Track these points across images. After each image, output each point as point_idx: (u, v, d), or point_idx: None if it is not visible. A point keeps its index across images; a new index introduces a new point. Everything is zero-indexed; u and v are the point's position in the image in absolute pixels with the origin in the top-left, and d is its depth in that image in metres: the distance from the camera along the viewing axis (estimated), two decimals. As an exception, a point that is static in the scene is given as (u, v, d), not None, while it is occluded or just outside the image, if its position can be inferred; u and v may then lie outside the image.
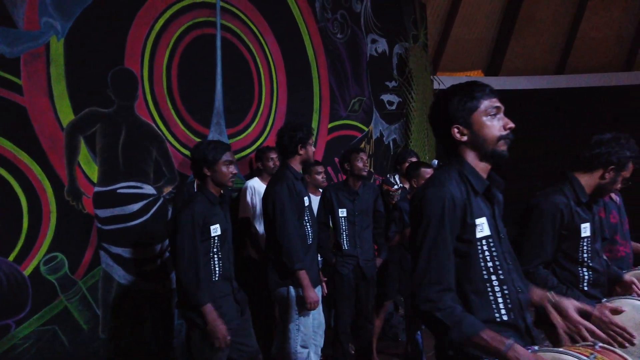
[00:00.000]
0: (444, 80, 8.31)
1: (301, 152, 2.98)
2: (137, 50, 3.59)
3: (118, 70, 3.48)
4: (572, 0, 8.25)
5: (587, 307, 1.58)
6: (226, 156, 2.50)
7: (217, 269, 2.48)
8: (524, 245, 2.08)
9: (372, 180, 5.44)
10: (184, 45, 3.91)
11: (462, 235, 1.44)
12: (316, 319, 3.08)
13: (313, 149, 3.07)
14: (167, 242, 3.59)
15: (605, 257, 2.29)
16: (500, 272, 1.45)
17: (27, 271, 3.02)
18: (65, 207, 3.19)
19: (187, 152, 3.80)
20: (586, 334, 1.52)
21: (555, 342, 1.96)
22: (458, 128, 1.51)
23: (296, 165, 3.08)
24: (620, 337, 1.81)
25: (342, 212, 3.53)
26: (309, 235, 3.01)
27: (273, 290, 3.09)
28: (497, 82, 8.68)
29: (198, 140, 3.98)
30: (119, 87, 3.47)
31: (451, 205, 1.42)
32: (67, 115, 3.21)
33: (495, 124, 1.49)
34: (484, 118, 1.49)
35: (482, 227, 1.44)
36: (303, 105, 5.00)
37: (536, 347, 1.38)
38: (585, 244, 2.06)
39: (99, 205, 3.38)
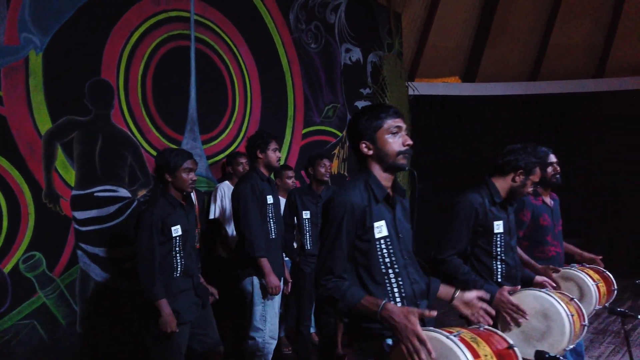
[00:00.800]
0: (423, 87, 8.60)
1: (261, 156, 3.26)
2: (113, 62, 3.82)
3: (95, 81, 3.71)
4: (543, 9, 8.56)
5: (483, 293, 1.82)
6: (187, 164, 2.74)
7: (178, 266, 2.72)
8: (443, 237, 2.35)
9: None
10: (159, 56, 4.14)
11: (362, 235, 1.69)
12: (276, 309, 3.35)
13: (275, 154, 3.32)
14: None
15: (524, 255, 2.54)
16: (396, 266, 1.70)
17: (7, 269, 3.24)
18: (43, 209, 3.42)
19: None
20: (485, 317, 1.76)
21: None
22: (365, 143, 1.75)
23: (261, 168, 3.35)
24: (515, 314, 2.07)
25: (306, 214, 3.78)
26: (272, 231, 3.28)
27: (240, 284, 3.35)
28: (474, 88, 8.98)
29: (173, 146, 4.22)
30: (95, 97, 3.70)
31: (351, 211, 1.67)
32: (45, 124, 3.43)
33: (396, 141, 1.73)
34: (387, 136, 1.73)
35: (381, 229, 1.69)
36: (277, 112, 5.24)
37: None
38: (498, 239, 2.31)
39: (76, 207, 3.60)
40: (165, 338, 2.57)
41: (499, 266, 2.32)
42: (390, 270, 1.69)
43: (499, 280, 2.31)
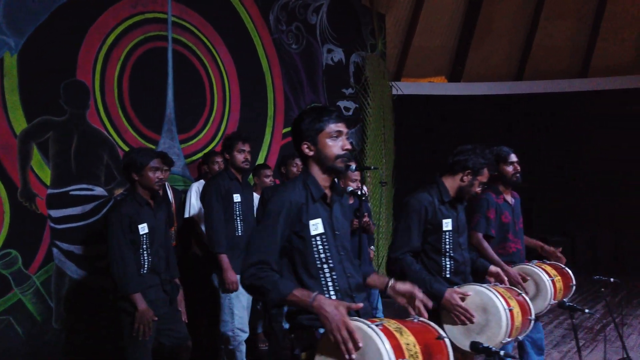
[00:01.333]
0: (409, 87, 8.68)
1: (227, 156, 3.36)
2: (89, 63, 3.89)
3: (70, 82, 3.78)
4: (526, 10, 8.65)
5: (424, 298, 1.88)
6: (153, 163, 2.81)
7: (145, 263, 2.80)
8: (395, 235, 2.42)
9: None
10: (136, 57, 4.22)
11: (298, 232, 1.76)
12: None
13: (240, 155, 3.41)
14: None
15: (470, 251, 2.62)
16: (331, 262, 1.77)
17: (-18, 266, 3.31)
18: (18, 207, 3.49)
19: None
20: (421, 308, 1.83)
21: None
22: (307, 144, 1.83)
23: (231, 168, 3.44)
24: (462, 316, 2.16)
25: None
26: (238, 228, 3.37)
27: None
28: (460, 88, 9.07)
29: (150, 145, 4.30)
30: (70, 97, 3.77)
31: (288, 207, 1.75)
32: (20, 124, 3.50)
33: (336, 145, 1.80)
34: (327, 139, 1.80)
35: (317, 227, 1.77)
36: (257, 112, 5.32)
37: None
38: (447, 237, 2.39)
39: (51, 206, 3.67)
40: (136, 334, 2.65)
41: (448, 262, 2.40)
42: (325, 266, 1.77)
43: (448, 275, 2.39)
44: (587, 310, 2.66)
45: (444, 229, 2.37)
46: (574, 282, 3.18)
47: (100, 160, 3.95)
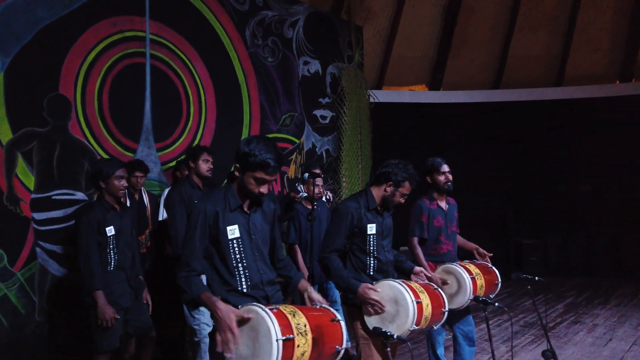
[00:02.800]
0: (390, 95, 9.04)
1: (192, 165, 3.71)
2: (71, 78, 4.26)
3: (53, 96, 4.15)
4: (501, 22, 8.99)
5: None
6: (119, 172, 3.17)
7: (112, 261, 3.15)
8: (325, 237, 2.77)
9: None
10: (115, 72, 4.58)
11: (216, 236, 2.11)
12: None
13: (205, 164, 3.76)
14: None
15: (395, 251, 2.96)
16: (244, 261, 2.12)
17: (-30, 263, 3.68)
18: (4, 210, 3.85)
19: (117, 164, 4.47)
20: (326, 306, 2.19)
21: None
22: (237, 167, 2.17)
23: (193, 177, 3.79)
24: (375, 307, 2.51)
25: (242, 216, 4.22)
26: None
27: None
28: (440, 96, 9.42)
29: (128, 153, 4.66)
30: (53, 110, 4.14)
31: (204, 216, 2.10)
32: (6, 135, 3.87)
33: (256, 187, 2.11)
34: (252, 180, 2.11)
35: (234, 232, 2.11)
36: (232, 122, 5.68)
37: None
38: (371, 239, 2.72)
39: (35, 209, 4.04)
40: (103, 324, 3.01)
41: (372, 262, 2.74)
42: (239, 264, 2.11)
43: (371, 273, 2.73)
44: (497, 304, 3.00)
45: (368, 232, 2.71)
46: (499, 280, 3.52)
47: (81, 167, 4.31)
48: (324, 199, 4.76)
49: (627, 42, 8.82)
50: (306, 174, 4.23)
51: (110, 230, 3.13)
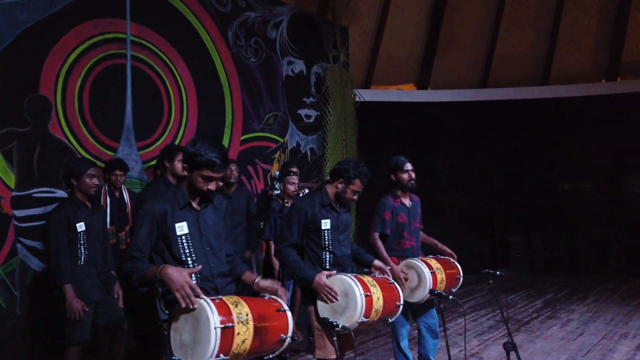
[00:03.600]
0: (378, 94, 9.15)
1: (168, 165, 3.82)
2: (51, 79, 4.38)
3: (33, 96, 4.27)
4: (486, 21, 9.09)
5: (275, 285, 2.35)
6: (90, 171, 3.29)
7: (82, 255, 3.28)
8: (280, 232, 2.88)
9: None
10: (96, 73, 4.70)
11: (165, 232, 2.23)
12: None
13: (179, 164, 3.87)
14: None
15: (355, 245, 3.07)
16: (193, 255, 2.24)
17: (-48, 259, 3.81)
18: (-15, 208, 3.98)
19: (99, 163, 4.59)
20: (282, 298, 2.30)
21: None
22: (184, 167, 2.29)
23: (168, 176, 3.91)
24: (329, 295, 2.62)
25: (218, 212, 4.34)
26: None
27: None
28: (428, 95, 9.52)
29: (108, 152, 4.79)
30: (34, 111, 4.27)
31: (152, 214, 2.22)
32: (-13, 135, 4.00)
33: (204, 184, 2.24)
34: (200, 178, 2.24)
35: (182, 228, 2.23)
36: (214, 121, 5.79)
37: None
38: (326, 234, 2.83)
39: (16, 206, 4.16)
40: (72, 317, 3.14)
41: (327, 256, 2.85)
42: (188, 259, 2.23)
43: (327, 267, 2.84)
44: (451, 297, 3.11)
45: (323, 227, 2.82)
46: (461, 274, 3.63)
47: (61, 166, 4.42)
48: (301, 195, 4.88)
49: (611, 42, 8.90)
50: (277, 172, 4.35)
51: (80, 226, 3.25)
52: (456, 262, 3.65)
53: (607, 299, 6.61)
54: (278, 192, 4.62)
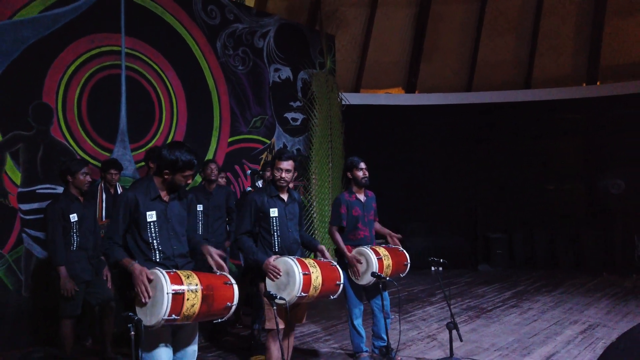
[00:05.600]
0: (366, 98, 9.62)
1: (151, 165, 4.33)
2: (53, 88, 4.95)
3: (37, 104, 4.84)
4: (468, 28, 9.52)
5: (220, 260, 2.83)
6: (84, 169, 3.82)
7: (74, 242, 3.80)
8: (236, 222, 3.36)
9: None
10: (93, 83, 5.26)
11: (137, 218, 2.69)
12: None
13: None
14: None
15: (304, 232, 3.56)
16: (158, 238, 2.70)
17: (-34, 246, 4.37)
18: (-6, 202, 4.55)
19: (95, 162, 5.15)
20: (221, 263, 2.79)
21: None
22: (166, 173, 2.72)
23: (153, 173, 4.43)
24: (273, 274, 3.12)
25: (200, 207, 4.84)
26: None
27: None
28: (415, 98, 9.97)
29: (105, 153, 5.33)
30: (37, 116, 4.83)
31: (126, 201, 2.70)
32: (-4, 138, 4.57)
33: (184, 180, 2.74)
34: (182, 177, 2.72)
35: (152, 216, 2.70)
36: (203, 124, 6.33)
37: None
38: (274, 221, 3.30)
39: (22, 201, 4.73)
40: (65, 293, 3.69)
41: (276, 240, 3.33)
42: (154, 241, 2.71)
43: (276, 250, 3.32)
44: (387, 278, 3.59)
45: (271, 215, 3.31)
46: (409, 261, 4.10)
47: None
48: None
49: (590, 48, 9.27)
50: (249, 171, 4.86)
51: (73, 217, 3.79)
52: (404, 251, 4.12)
53: (574, 291, 7.00)
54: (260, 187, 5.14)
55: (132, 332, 2.27)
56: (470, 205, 9.55)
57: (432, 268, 4.08)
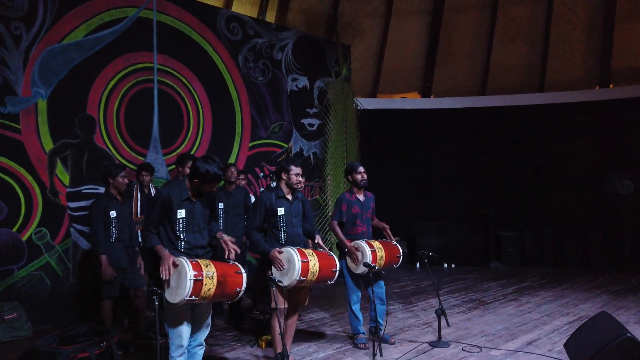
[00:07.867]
0: (383, 102, 10.12)
1: (180, 169, 4.99)
2: (95, 102, 5.69)
3: (82, 115, 5.59)
4: (480, 34, 9.87)
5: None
6: (123, 173, 4.50)
7: (113, 235, 4.48)
8: (249, 219, 3.96)
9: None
10: (129, 96, 5.98)
11: (169, 215, 3.30)
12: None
13: (188, 170, 5.04)
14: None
15: (308, 226, 4.11)
16: (186, 232, 3.29)
17: (24, 238, 5.15)
18: (47, 200, 5.31)
19: (131, 166, 5.87)
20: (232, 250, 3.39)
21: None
22: (187, 170, 3.36)
23: (180, 177, 5.09)
24: (279, 264, 3.71)
25: (221, 206, 5.48)
26: None
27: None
28: (431, 102, 10.40)
29: (139, 157, 6.05)
30: (82, 126, 5.58)
31: (162, 199, 3.28)
32: (48, 145, 5.33)
33: (210, 188, 3.31)
34: (208, 186, 3.29)
35: (181, 213, 3.31)
36: (226, 131, 6.99)
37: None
38: (281, 218, 3.88)
39: (70, 199, 5.49)
40: (105, 278, 4.38)
41: (283, 235, 3.91)
42: (182, 234, 3.32)
43: (283, 243, 3.90)
44: (376, 267, 4.13)
45: (279, 213, 3.90)
46: (401, 254, 4.62)
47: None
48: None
49: (601, 51, 9.50)
50: (261, 175, 5.46)
51: (112, 214, 4.48)
52: (397, 245, 4.64)
53: (577, 288, 7.30)
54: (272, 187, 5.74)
55: (156, 303, 2.90)
56: (482, 205, 9.90)
57: (425, 260, 4.57)
